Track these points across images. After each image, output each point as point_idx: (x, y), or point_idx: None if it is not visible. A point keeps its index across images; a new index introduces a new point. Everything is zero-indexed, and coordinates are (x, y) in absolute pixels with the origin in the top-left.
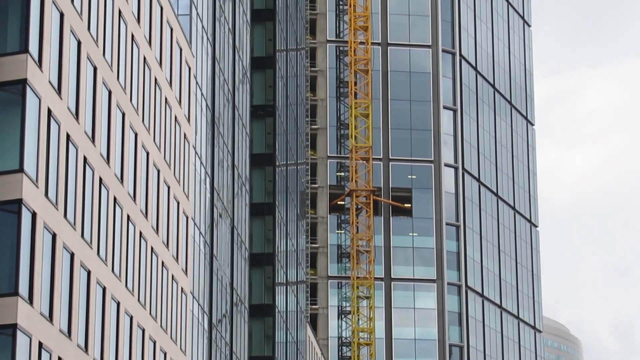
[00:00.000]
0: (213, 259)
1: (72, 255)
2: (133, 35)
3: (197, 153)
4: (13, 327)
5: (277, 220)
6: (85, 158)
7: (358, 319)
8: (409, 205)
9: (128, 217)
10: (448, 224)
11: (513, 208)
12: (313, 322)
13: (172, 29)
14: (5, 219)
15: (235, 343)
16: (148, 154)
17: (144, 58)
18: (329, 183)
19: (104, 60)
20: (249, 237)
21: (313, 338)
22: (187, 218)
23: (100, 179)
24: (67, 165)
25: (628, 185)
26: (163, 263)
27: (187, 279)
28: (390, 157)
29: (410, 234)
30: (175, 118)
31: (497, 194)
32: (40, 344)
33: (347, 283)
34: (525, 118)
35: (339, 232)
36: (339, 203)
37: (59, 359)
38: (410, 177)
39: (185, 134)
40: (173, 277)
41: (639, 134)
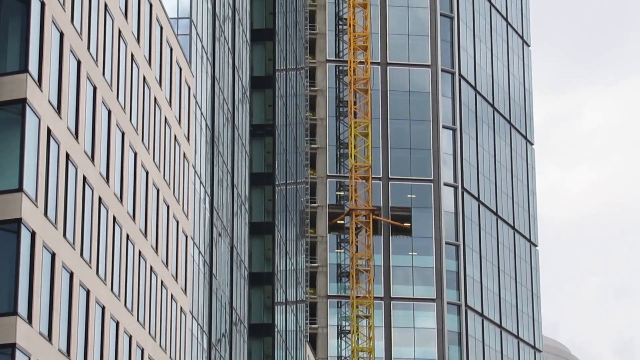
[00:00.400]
0: (212, 278)
1: (71, 275)
2: (133, 55)
3: (196, 172)
4: (12, 346)
5: (276, 240)
6: (85, 177)
7: (357, 339)
8: (409, 225)
9: (127, 236)
10: (447, 243)
11: (513, 227)
12: (312, 341)
13: (171, 49)
14: (5, 239)
15: None
16: (147, 173)
17: (144, 78)
18: (329, 202)
19: (104, 80)
20: (249, 256)
21: (312, 357)
22: (186, 237)
23: (100, 199)
24: (66, 185)
25: (629, 205)
26: (162, 282)
27: (186, 299)
28: (390, 176)
29: (410, 253)
30: (175, 137)
31: (496, 214)
32: None
33: (346, 302)
34: (525, 137)
35: (339, 251)
36: (339, 222)
37: None
38: (410, 196)
39: (185, 153)
40: (172, 296)
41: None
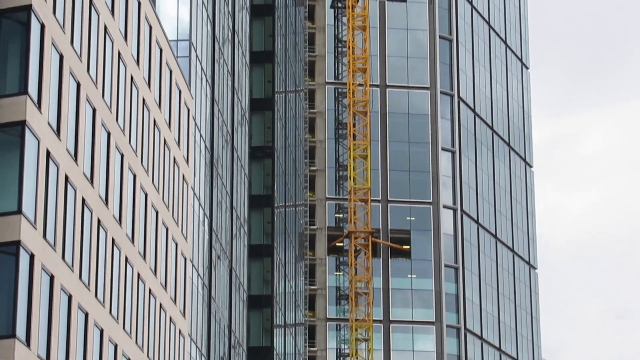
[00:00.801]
0: (211, 301)
1: (69, 297)
2: (132, 77)
3: (195, 194)
4: None
5: (275, 262)
6: (84, 199)
7: None
8: (408, 247)
9: (126, 258)
10: (447, 266)
11: (512, 250)
12: None
13: (171, 71)
14: (3, 261)
15: None
16: (146, 195)
17: (143, 100)
18: (328, 224)
19: (103, 102)
20: (248, 278)
21: None
22: (185, 259)
23: (99, 221)
24: (65, 207)
25: (629, 228)
26: (161, 305)
27: (185, 321)
28: (389, 198)
29: (409, 276)
30: (174, 159)
31: (495, 236)
32: None
33: (345, 325)
34: (524, 160)
35: (338, 273)
36: (338, 245)
37: None
38: (409, 218)
39: (184, 176)
40: (171, 319)
41: None
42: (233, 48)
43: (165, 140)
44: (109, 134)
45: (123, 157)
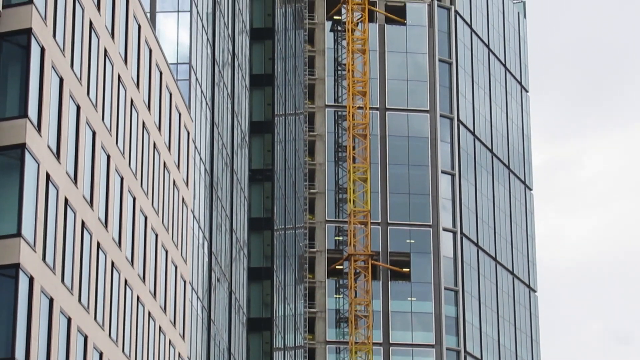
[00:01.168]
0: (210, 324)
1: (69, 320)
2: (132, 100)
3: (195, 217)
4: None
5: (275, 285)
6: (83, 222)
7: None
8: (408, 270)
9: (125, 281)
10: (447, 289)
11: (512, 273)
12: None
13: (171, 94)
14: (3, 283)
15: None
16: (146, 218)
17: (143, 123)
18: (327, 247)
19: (103, 125)
20: (247, 301)
21: None
22: (184, 282)
23: (98, 243)
24: (64, 230)
25: (630, 251)
26: (160, 328)
27: (184, 344)
28: (389, 221)
29: (409, 299)
30: (174, 182)
31: (495, 259)
32: None
33: (345, 348)
34: (524, 183)
35: (337, 296)
36: (337, 267)
37: None
38: (409, 241)
39: (184, 198)
40: (170, 342)
41: None
42: (233, 71)
43: (165, 163)
44: (109, 157)
45: (123, 180)
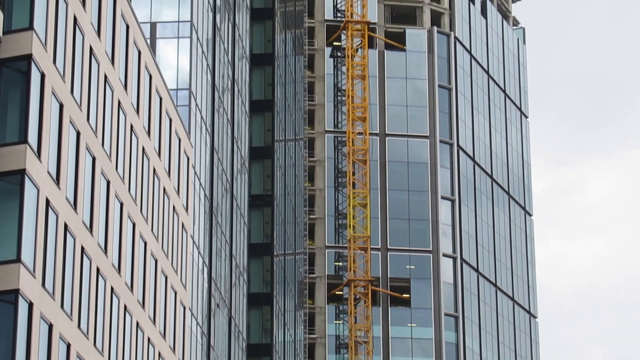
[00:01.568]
0: (210, 350)
1: (68, 346)
2: (132, 126)
3: (195, 243)
4: None
5: (274, 311)
6: (83, 248)
7: None
8: (408, 296)
9: (125, 307)
10: (447, 315)
11: (512, 299)
12: None
13: (171, 120)
14: (2, 309)
15: None
16: (146, 244)
17: (143, 148)
18: (327, 273)
19: (103, 151)
20: (247, 327)
21: None
22: (184, 308)
23: (98, 269)
24: (64, 256)
25: (631, 277)
26: (160, 354)
27: None
28: (389, 247)
29: (409, 325)
30: (174, 208)
31: (495, 285)
32: None
33: None
34: (524, 209)
35: (337, 322)
36: (337, 293)
37: None
38: (409, 267)
39: (184, 224)
40: None
41: None
42: (233, 97)
43: (165, 189)
44: (109, 183)
45: (122, 205)
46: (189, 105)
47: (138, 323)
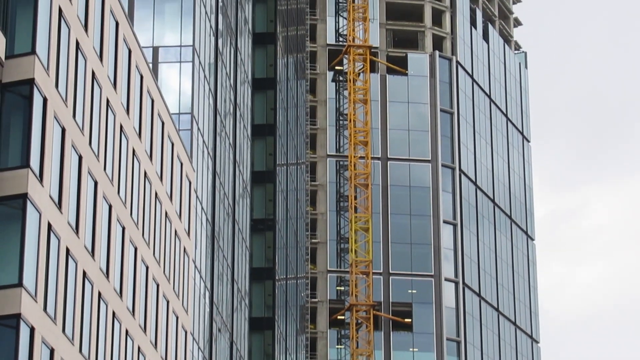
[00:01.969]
0: None
1: None
2: (134, 150)
3: (196, 267)
4: None
5: (276, 335)
6: (85, 272)
7: None
8: (410, 320)
9: (127, 331)
10: (449, 339)
11: (514, 324)
12: None
13: (173, 144)
14: (4, 334)
15: None
16: (147, 268)
17: (145, 172)
18: (329, 297)
19: (105, 175)
20: (248, 352)
21: None
22: (186, 333)
23: (99, 294)
24: (66, 280)
25: (634, 301)
26: None
27: None
28: (391, 271)
29: (411, 349)
30: (175, 232)
31: (497, 309)
32: None
33: None
34: (526, 233)
35: (339, 347)
36: (339, 318)
37: None
38: (411, 291)
39: (185, 248)
40: None
41: None
42: (235, 121)
43: (167, 213)
44: (111, 207)
45: (124, 229)
46: (191, 130)
47: (139, 348)
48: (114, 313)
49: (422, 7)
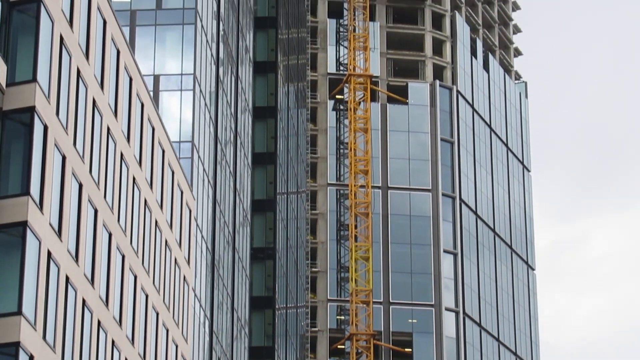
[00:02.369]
0: None
1: None
2: (134, 178)
3: (196, 296)
4: None
5: None
6: (84, 300)
7: None
8: (410, 350)
9: None
10: None
11: (514, 354)
12: None
13: (173, 172)
14: None
15: None
16: (147, 297)
17: (145, 200)
18: (329, 326)
19: (105, 203)
20: None
21: None
22: None
23: (99, 322)
24: (65, 308)
25: (635, 332)
26: None
27: None
28: (391, 300)
29: None
30: (175, 260)
31: (498, 339)
32: None
33: None
34: (526, 263)
35: None
36: (339, 347)
37: None
38: (411, 321)
39: (185, 277)
40: None
41: None
42: (235, 149)
43: (167, 241)
44: (110, 235)
45: (124, 258)
46: (192, 158)
47: None
48: (114, 341)
49: (422, 36)
